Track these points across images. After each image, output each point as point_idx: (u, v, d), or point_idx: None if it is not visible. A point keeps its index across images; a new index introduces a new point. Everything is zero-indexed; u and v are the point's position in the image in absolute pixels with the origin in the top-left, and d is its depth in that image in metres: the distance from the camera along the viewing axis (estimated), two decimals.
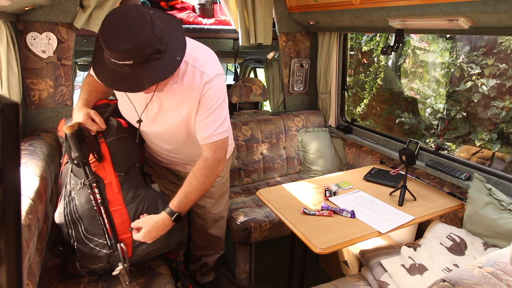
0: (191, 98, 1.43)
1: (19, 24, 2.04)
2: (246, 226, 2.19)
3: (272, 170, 2.83)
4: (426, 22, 1.78)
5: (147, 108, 1.48)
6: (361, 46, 4.93)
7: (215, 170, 1.49)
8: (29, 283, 1.28)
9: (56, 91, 2.22)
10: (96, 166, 1.48)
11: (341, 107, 2.96)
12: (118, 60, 1.15)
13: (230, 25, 2.85)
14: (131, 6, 1.20)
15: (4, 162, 0.44)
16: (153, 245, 1.50)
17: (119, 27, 1.14)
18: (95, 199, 1.44)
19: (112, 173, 1.49)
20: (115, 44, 1.12)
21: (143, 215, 1.49)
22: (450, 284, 1.01)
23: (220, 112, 1.48)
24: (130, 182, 1.54)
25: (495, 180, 1.77)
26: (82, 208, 1.47)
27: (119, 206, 1.49)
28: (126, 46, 1.11)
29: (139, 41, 1.12)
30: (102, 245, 1.47)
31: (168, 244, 1.57)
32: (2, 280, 0.47)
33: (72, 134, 1.40)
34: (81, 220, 1.47)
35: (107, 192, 1.48)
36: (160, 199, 1.58)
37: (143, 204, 1.52)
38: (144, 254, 1.53)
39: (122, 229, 1.48)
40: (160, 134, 1.60)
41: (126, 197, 1.51)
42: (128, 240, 1.49)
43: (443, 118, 4.13)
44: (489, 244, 1.66)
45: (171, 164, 1.86)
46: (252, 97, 3.06)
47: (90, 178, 1.44)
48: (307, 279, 1.97)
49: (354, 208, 1.77)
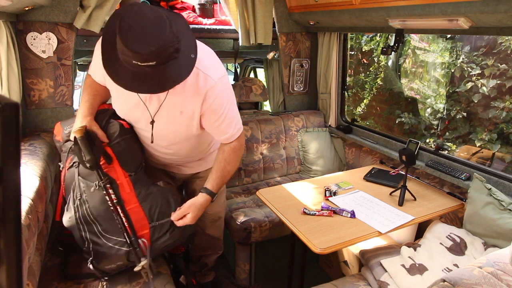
0: (193, 101, 1.42)
1: (19, 24, 2.04)
2: (246, 226, 2.19)
3: (272, 170, 2.83)
4: (426, 22, 1.78)
5: (146, 107, 1.48)
6: (361, 46, 4.93)
7: (242, 152, 1.66)
8: (29, 283, 1.28)
9: (56, 91, 2.22)
10: (106, 167, 1.50)
11: (341, 107, 2.96)
12: (141, 62, 1.13)
13: (230, 25, 2.85)
14: (141, 6, 1.19)
15: (4, 162, 0.44)
16: (171, 238, 1.57)
17: (138, 28, 1.13)
18: (111, 199, 1.48)
19: (122, 174, 1.53)
20: (138, 46, 1.10)
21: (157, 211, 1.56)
22: (450, 284, 1.01)
23: (232, 111, 1.52)
24: (141, 181, 1.59)
25: (495, 180, 1.77)
26: (97, 209, 1.50)
27: (134, 204, 1.53)
28: (151, 47, 1.10)
29: (163, 42, 1.12)
30: (121, 243, 1.51)
31: (182, 237, 1.63)
32: (2, 280, 0.47)
33: (82, 137, 1.41)
34: (97, 221, 1.50)
35: (121, 191, 1.51)
36: (170, 195, 1.64)
37: (156, 201, 1.58)
38: (162, 248, 1.59)
39: (140, 226, 1.53)
40: (159, 134, 1.59)
41: (140, 195, 1.55)
42: (146, 235, 1.54)
43: (443, 118, 4.13)
44: (489, 244, 1.66)
45: (166, 166, 1.85)
46: (252, 97, 3.06)
47: (103, 180, 1.46)
48: (307, 279, 1.97)
49: (354, 208, 1.77)
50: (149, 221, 1.55)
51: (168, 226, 1.57)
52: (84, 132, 1.43)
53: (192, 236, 1.72)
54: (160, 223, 1.56)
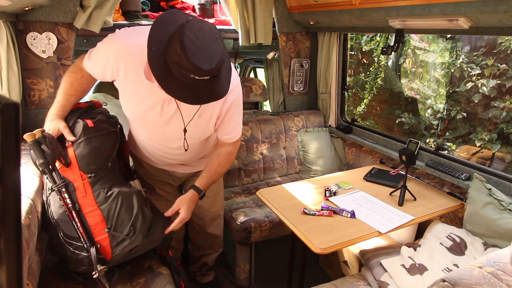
0: (213, 105, 1.45)
1: (19, 24, 2.04)
2: (246, 226, 2.19)
3: (272, 170, 2.83)
4: (426, 22, 1.78)
5: (162, 109, 1.48)
6: (361, 46, 4.93)
7: (234, 157, 1.82)
8: (29, 283, 1.28)
9: (56, 91, 2.22)
10: (64, 170, 1.46)
11: (341, 107, 2.96)
12: (199, 76, 1.19)
13: (230, 25, 2.85)
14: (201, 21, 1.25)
15: (4, 162, 0.44)
16: (132, 243, 1.49)
17: (199, 44, 1.18)
18: (65, 204, 1.43)
19: (79, 176, 1.47)
20: (202, 63, 1.17)
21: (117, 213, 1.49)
22: (450, 284, 1.01)
23: (241, 114, 1.65)
24: (102, 182, 1.51)
25: (495, 180, 1.77)
26: (56, 213, 1.46)
27: (92, 207, 1.46)
28: (212, 64, 1.18)
29: (219, 60, 1.20)
30: (80, 248, 1.46)
31: (151, 241, 1.57)
32: (2, 280, 0.47)
33: (34, 142, 1.39)
34: (58, 226, 1.47)
35: (78, 194, 1.46)
36: (135, 196, 1.54)
37: (116, 202, 1.49)
38: (126, 252, 1.51)
39: (98, 231, 1.46)
40: (170, 136, 1.59)
41: (98, 197, 1.48)
42: (105, 241, 1.47)
43: (443, 118, 4.13)
44: (489, 244, 1.66)
45: (168, 166, 1.85)
46: (252, 97, 3.06)
47: (58, 183, 1.42)
48: (307, 279, 1.97)
49: (354, 208, 1.77)
50: (108, 226, 1.47)
51: (128, 231, 1.48)
52: (37, 136, 1.40)
53: (168, 239, 1.67)
54: (119, 228, 1.48)
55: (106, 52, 1.43)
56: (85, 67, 1.52)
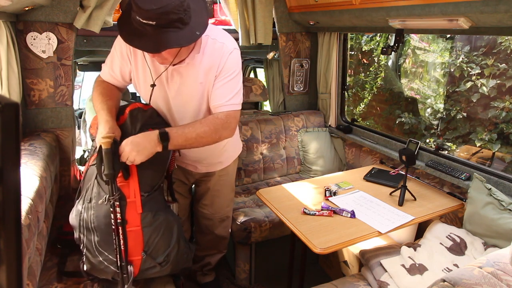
0: (212, 68, 1.51)
1: (19, 24, 2.04)
2: (246, 226, 2.19)
3: (272, 170, 2.83)
4: (426, 22, 1.78)
5: (168, 85, 1.54)
6: (361, 46, 4.93)
7: (219, 131, 1.51)
8: (29, 283, 1.29)
9: (56, 91, 2.22)
10: (121, 182, 1.42)
11: (341, 107, 2.96)
12: (142, 19, 1.23)
13: (230, 25, 2.85)
14: None
15: (4, 162, 0.44)
16: (161, 272, 1.51)
17: None
18: (115, 218, 1.39)
19: (137, 191, 1.43)
20: (144, 3, 1.22)
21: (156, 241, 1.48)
22: (450, 284, 1.01)
23: (236, 82, 1.56)
24: (151, 203, 1.47)
25: (495, 180, 1.77)
26: (99, 221, 1.42)
27: (136, 227, 1.43)
28: (153, 5, 1.21)
29: (166, 5, 1.22)
30: (110, 261, 1.44)
31: (174, 270, 1.56)
32: (2, 280, 0.47)
33: (108, 150, 1.32)
34: (96, 232, 1.43)
35: (127, 211, 1.42)
36: (176, 226, 1.53)
37: (159, 229, 1.47)
38: (149, 276, 1.52)
39: (134, 251, 1.45)
40: (182, 111, 1.62)
41: (145, 219, 1.45)
42: (137, 262, 1.46)
43: (443, 118, 4.13)
44: (489, 244, 1.66)
45: (182, 163, 1.86)
46: (252, 97, 3.06)
47: (114, 196, 1.37)
48: (307, 279, 1.97)
49: (354, 208, 1.77)
50: (145, 249, 1.45)
51: (162, 260, 1.48)
52: (111, 143, 1.33)
53: (187, 269, 1.65)
54: (155, 254, 1.48)
55: (115, 45, 1.56)
56: (104, 77, 1.62)
